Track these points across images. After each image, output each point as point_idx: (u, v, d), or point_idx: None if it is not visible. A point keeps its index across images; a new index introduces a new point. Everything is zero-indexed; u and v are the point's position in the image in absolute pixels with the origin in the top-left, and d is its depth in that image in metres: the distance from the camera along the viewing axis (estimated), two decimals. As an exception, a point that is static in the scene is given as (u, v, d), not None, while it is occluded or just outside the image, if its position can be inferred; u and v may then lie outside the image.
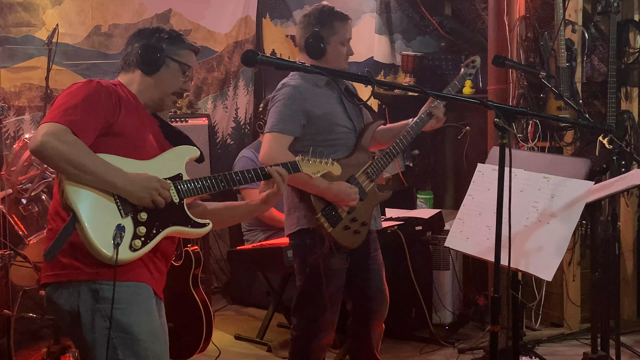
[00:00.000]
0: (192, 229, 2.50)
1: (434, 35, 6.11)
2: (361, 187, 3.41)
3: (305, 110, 3.34)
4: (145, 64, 2.57)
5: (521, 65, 4.76)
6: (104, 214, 2.32)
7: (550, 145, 5.00)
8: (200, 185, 2.52)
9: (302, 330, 3.51)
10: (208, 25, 6.01)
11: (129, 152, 2.43)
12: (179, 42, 2.63)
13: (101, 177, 2.32)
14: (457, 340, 4.76)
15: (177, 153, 2.58)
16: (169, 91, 2.61)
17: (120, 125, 2.43)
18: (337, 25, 3.45)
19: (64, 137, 2.29)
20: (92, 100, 2.39)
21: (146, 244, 2.38)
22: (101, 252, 2.29)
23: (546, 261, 2.82)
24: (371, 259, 3.56)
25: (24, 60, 5.17)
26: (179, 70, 2.62)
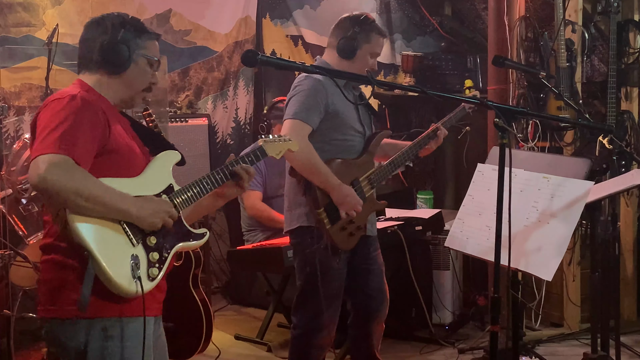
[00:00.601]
0: (194, 241, 2.45)
1: (434, 35, 6.12)
2: (362, 191, 3.43)
3: (326, 103, 3.36)
4: (112, 64, 2.38)
5: (521, 65, 4.76)
6: (116, 246, 2.21)
7: (550, 145, 5.00)
8: (192, 194, 2.43)
9: (303, 329, 3.52)
10: (208, 25, 6.01)
11: (123, 170, 2.33)
12: (143, 34, 2.43)
13: (115, 207, 2.20)
14: (457, 340, 4.76)
15: (162, 162, 2.45)
16: (139, 89, 2.46)
17: (113, 142, 2.30)
18: (373, 37, 3.48)
19: (68, 168, 2.13)
20: (83, 120, 2.23)
21: (162, 270, 2.33)
22: (125, 290, 2.20)
23: (546, 261, 2.82)
24: (371, 259, 3.58)
25: (24, 60, 5.17)
26: (147, 64, 2.44)
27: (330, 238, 3.34)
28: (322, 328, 3.48)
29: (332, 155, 3.40)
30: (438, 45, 6.09)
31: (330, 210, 3.33)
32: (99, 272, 2.17)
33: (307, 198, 3.36)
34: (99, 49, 2.37)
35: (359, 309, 3.60)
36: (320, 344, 3.53)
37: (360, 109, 3.53)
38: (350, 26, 3.47)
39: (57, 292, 2.26)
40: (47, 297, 2.30)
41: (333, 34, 3.54)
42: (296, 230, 3.45)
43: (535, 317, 5.02)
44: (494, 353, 2.62)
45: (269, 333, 4.88)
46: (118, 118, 2.41)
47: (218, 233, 6.00)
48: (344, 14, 3.58)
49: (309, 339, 3.52)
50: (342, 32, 3.48)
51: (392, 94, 5.83)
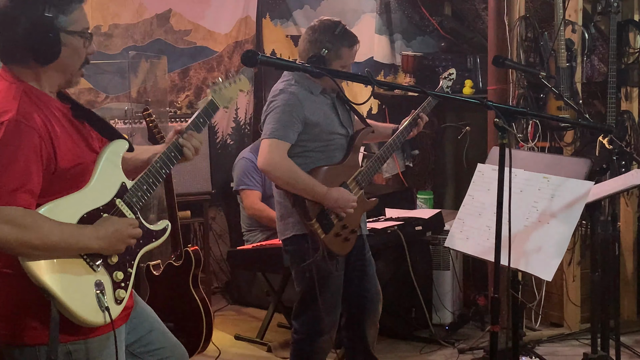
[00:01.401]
0: (157, 241, 2.32)
1: (434, 35, 6.11)
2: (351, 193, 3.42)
3: (303, 117, 3.34)
4: (41, 53, 2.09)
5: (521, 65, 4.76)
6: (77, 278, 2.08)
7: (550, 145, 5.00)
8: (146, 187, 2.25)
9: (304, 334, 3.52)
10: (208, 25, 6.01)
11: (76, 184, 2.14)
12: (67, 4, 2.11)
13: (74, 248, 2.06)
14: (457, 340, 4.76)
15: (109, 159, 2.22)
16: (76, 69, 2.19)
17: (61, 164, 2.09)
18: (343, 52, 3.41)
19: (21, 221, 1.96)
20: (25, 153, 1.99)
21: (128, 287, 2.21)
22: (93, 323, 2.10)
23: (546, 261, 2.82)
24: (366, 260, 3.60)
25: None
26: (79, 39, 2.15)
27: (327, 247, 3.33)
28: (323, 333, 3.48)
29: (316, 163, 3.39)
30: (438, 45, 6.09)
31: (322, 219, 3.32)
32: (63, 311, 2.05)
33: (297, 210, 3.35)
34: (21, 39, 2.07)
35: (353, 310, 3.61)
36: (321, 348, 3.54)
37: (340, 110, 3.49)
38: (317, 43, 3.38)
39: (14, 317, 2.10)
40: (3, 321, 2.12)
41: (303, 48, 3.44)
42: (291, 239, 3.45)
43: (535, 317, 5.02)
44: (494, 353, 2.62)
45: (269, 333, 4.88)
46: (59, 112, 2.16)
47: (218, 233, 6.00)
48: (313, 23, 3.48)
49: (310, 344, 3.52)
50: (310, 48, 3.40)
51: (392, 94, 5.83)
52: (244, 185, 4.98)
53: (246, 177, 4.99)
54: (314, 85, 3.40)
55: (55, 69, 2.16)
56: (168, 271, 4.12)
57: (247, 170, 5.01)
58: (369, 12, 6.11)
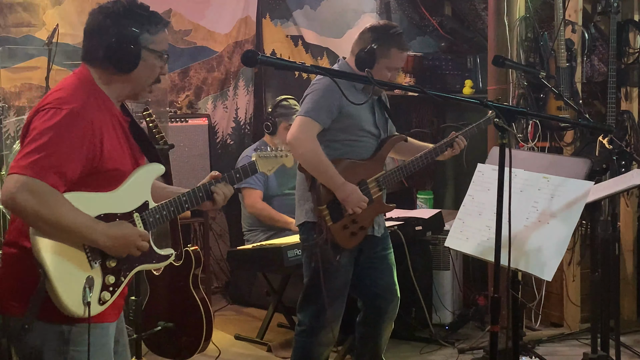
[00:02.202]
0: (156, 263, 2.41)
1: (434, 36, 6.11)
2: (369, 192, 3.47)
3: (340, 105, 3.38)
4: (119, 64, 2.27)
5: (521, 65, 4.76)
6: (73, 266, 2.19)
7: (550, 145, 5.00)
8: (166, 212, 2.37)
9: (307, 325, 3.54)
10: (208, 25, 6.01)
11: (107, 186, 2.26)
12: (153, 26, 2.30)
13: (83, 237, 2.18)
14: (457, 340, 4.76)
15: (142, 176, 2.36)
16: (147, 84, 2.37)
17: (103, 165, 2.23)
18: (393, 52, 3.47)
19: (40, 194, 2.08)
20: (69, 140, 2.14)
21: (114, 293, 2.29)
22: (72, 312, 2.18)
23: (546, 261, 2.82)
24: (378, 258, 3.60)
25: (24, 60, 5.17)
26: (157, 58, 2.34)
27: (332, 235, 3.36)
28: (325, 325, 3.50)
29: (341, 155, 3.44)
30: (438, 45, 6.09)
31: (333, 208, 3.37)
32: (49, 291, 2.15)
33: (312, 194, 3.41)
34: (106, 47, 2.26)
35: (368, 307, 3.64)
36: (323, 341, 3.56)
37: (377, 111, 3.56)
38: (370, 40, 3.47)
39: (14, 290, 2.24)
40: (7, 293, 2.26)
41: (356, 42, 3.54)
42: (303, 225, 3.51)
43: (535, 317, 5.03)
44: (494, 353, 2.62)
45: (269, 333, 4.88)
46: (117, 120, 2.33)
47: (218, 233, 6.00)
48: (372, 23, 3.58)
49: (312, 336, 3.54)
50: (362, 44, 3.49)
51: (392, 94, 5.82)
52: (246, 183, 4.98)
53: (248, 175, 4.99)
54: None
55: (129, 80, 2.32)
56: (168, 271, 4.12)
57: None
58: (369, 12, 6.11)
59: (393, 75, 3.53)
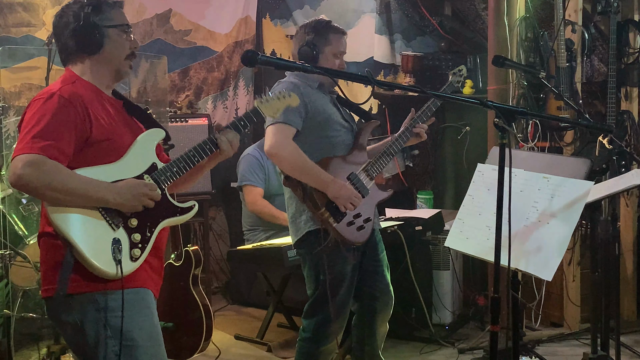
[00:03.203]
0: (180, 216, 2.53)
1: (434, 35, 6.12)
2: (362, 184, 3.44)
3: (304, 103, 3.36)
4: (87, 46, 2.48)
5: (521, 65, 4.76)
6: (97, 233, 2.34)
7: (550, 145, 5.00)
8: (176, 169, 2.51)
9: (312, 333, 3.52)
10: (208, 25, 6.01)
11: (103, 158, 2.41)
12: (104, 6, 2.52)
13: (91, 197, 2.33)
14: (457, 340, 4.77)
15: (144, 141, 2.52)
16: (121, 59, 2.54)
17: (95, 136, 2.40)
18: (331, 37, 3.49)
19: (43, 165, 2.26)
20: (60, 119, 2.34)
21: (144, 249, 2.42)
22: (105, 272, 2.32)
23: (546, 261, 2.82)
24: (379, 261, 3.60)
25: (24, 60, 5.17)
26: (121, 33, 2.53)
27: (340, 235, 3.33)
28: (331, 334, 3.49)
29: (324, 154, 3.41)
30: (438, 45, 6.09)
31: (332, 209, 3.33)
32: (79, 258, 2.30)
33: (307, 203, 3.35)
34: (71, 38, 2.48)
35: (364, 309, 3.61)
36: (326, 349, 3.54)
37: (341, 107, 3.54)
38: (305, 34, 3.49)
39: (50, 272, 2.39)
40: (44, 277, 2.44)
41: (294, 44, 3.56)
42: (304, 237, 3.42)
43: (535, 317, 5.03)
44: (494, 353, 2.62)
45: (269, 333, 4.88)
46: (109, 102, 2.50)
47: (218, 233, 6.00)
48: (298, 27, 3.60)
49: (317, 344, 3.52)
50: (300, 41, 3.50)
51: (392, 94, 5.83)
52: (247, 181, 4.98)
53: (250, 173, 5.00)
54: (312, 79, 3.45)
55: (102, 60, 2.51)
56: (168, 271, 4.12)
57: (251, 167, 5.01)
58: (369, 12, 6.11)
59: (341, 62, 3.52)
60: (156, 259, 2.53)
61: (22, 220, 4.41)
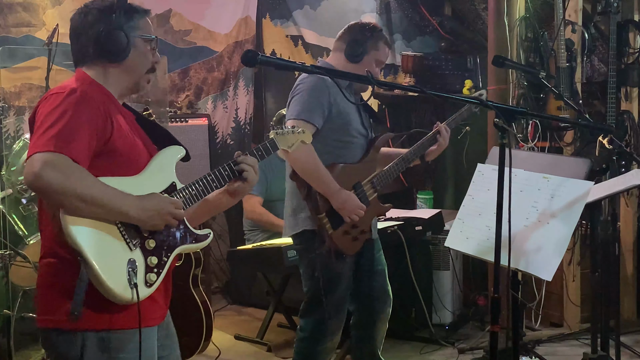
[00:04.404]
0: (196, 244, 2.35)
1: (434, 36, 6.12)
2: (365, 195, 3.42)
3: (329, 102, 3.31)
4: (111, 53, 2.25)
5: (521, 65, 4.76)
6: (112, 251, 2.12)
7: (550, 145, 5.00)
8: (195, 192, 2.32)
9: (309, 332, 3.51)
10: (208, 25, 6.01)
11: (125, 169, 2.22)
12: (135, 14, 2.31)
13: (114, 209, 2.10)
14: (457, 340, 4.77)
15: (165, 158, 2.34)
16: (142, 72, 2.34)
17: (115, 142, 2.19)
18: (381, 45, 3.49)
19: (65, 167, 2.03)
20: (82, 116, 2.12)
21: (160, 275, 2.22)
22: (119, 297, 2.11)
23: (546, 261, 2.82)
24: (376, 261, 3.59)
25: (24, 60, 5.17)
26: (147, 45, 2.33)
27: (334, 243, 3.32)
28: (327, 334, 3.48)
29: (334, 157, 3.38)
30: (438, 45, 6.09)
31: (332, 215, 3.31)
32: (92, 278, 2.08)
33: (308, 203, 3.33)
34: (95, 40, 2.25)
35: (362, 310, 3.61)
36: (324, 348, 3.53)
37: (362, 111, 3.52)
38: (360, 32, 3.47)
39: (53, 301, 2.18)
40: (43, 305, 2.22)
41: (341, 37, 3.52)
42: (301, 234, 3.41)
43: (535, 317, 5.03)
44: (494, 353, 2.62)
45: (269, 333, 4.88)
46: (122, 113, 2.31)
47: (218, 233, 6.00)
48: (353, 22, 3.58)
49: (314, 344, 3.51)
50: (352, 36, 3.47)
51: (392, 94, 5.83)
52: None
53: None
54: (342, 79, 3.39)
55: (124, 70, 2.30)
56: (168, 271, 4.12)
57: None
58: (369, 12, 6.11)
59: (377, 71, 3.54)
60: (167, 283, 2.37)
61: (22, 220, 4.41)
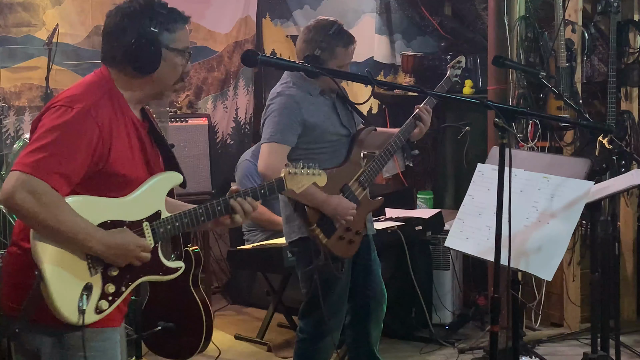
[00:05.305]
0: (163, 276, 2.30)
1: (434, 35, 6.11)
2: (354, 195, 3.40)
3: (301, 119, 3.31)
4: (140, 64, 2.20)
5: (521, 65, 4.76)
6: (72, 271, 2.11)
7: (550, 145, 5.00)
8: (179, 224, 2.26)
9: (308, 333, 3.52)
10: (208, 25, 6.01)
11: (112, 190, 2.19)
12: (173, 23, 2.22)
13: (79, 243, 2.09)
14: (457, 340, 4.76)
15: (158, 184, 2.29)
16: (169, 84, 2.28)
17: (111, 166, 2.16)
18: (338, 51, 3.36)
19: (40, 195, 2.02)
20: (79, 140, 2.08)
21: (113, 302, 2.19)
22: (66, 319, 2.10)
23: (546, 261, 2.83)
24: (372, 260, 3.59)
25: (24, 60, 5.17)
26: (178, 57, 2.25)
27: (330, 251, 3.32)
28: (327, 334, 3.48)
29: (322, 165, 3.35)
30: (438, 45, 6.09)
31: (324, 224, 3.29)
32: (44, 294, 2.07)
33: (298, 215, 3.33)
34: (124, 48, 2.19)
35: (358, 309, 3.61)
36: (324, 348, 3.54)
37: (340, 110, 3.46)
38: (311, 43, 3.34)
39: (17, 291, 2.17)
40: (6, 292, 2.22)
41: (298, 44, 3.42)
42: (297, 241, 3.43)
43: (535, 317, 5.02)
44: (494, 353, 2.62)
45: (269, 333, 4.88)
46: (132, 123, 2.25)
47: (218, 233, 5.99)
48: (309, 23, 3.45)
49: (313, 344, 3.52)
50: (305, 48, 3.36)
51: (392, 94, 5.83)
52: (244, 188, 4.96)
53: (247, 179, 4.98)
54: (312, 86, 3.36)
55: (151, 82, 2.25)
56: (168, 271, 4.12)
57: (249, 173, 5.00)
58: (369, 12, 6.11)
59: (345, 69, 3.40)
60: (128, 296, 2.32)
61: (22, 220, 4.40)
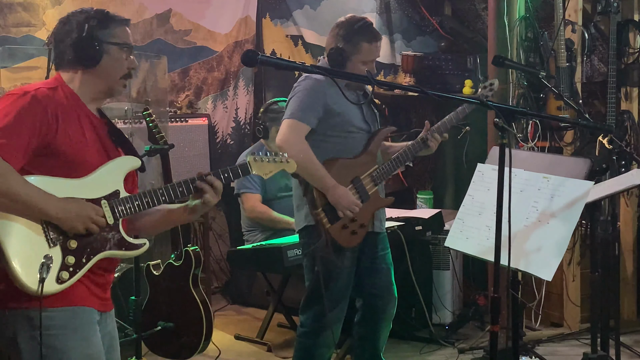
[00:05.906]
0: (125, 251, 2.40)
1: (434, 35, 6.12)
2: (364, 189, 3.44)
3: (325, 104, 3.38)
4: (84, 59, 2.41)
5: (521, 65, 4.76)
6: (31, 245, 2.22)
7: (550, 145, 5.00)
8: (138, 202, 2.38)
9: (309, 327, 3.54)
10: (208, 25, 6.01)
11: (66, 171, 2.31)
12: (110, 22, 2.45)
13: (33, 206, 2.20)
14: (457, 340, 4.77)
15: (115, 166, 2.42)
16: (116, 78, 2.46)
17: (58, 145, 2.30)
18: (363, 46, 3.45)
19: None
20: (25, 119, 2.25)
21: (75, 274, 2.28)
22: (27, 288, 2.19)
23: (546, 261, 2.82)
24: (378, 258, 3.60)
25: (24, 60, 5.17)
26: (121, 52, 2.45)
27: (331, 237, 3.35)
28: (327, 327, 3.49)
29: (332, 154, 3.42)
30: (438, 45, 6.09)
31: (329, 210, 3.35)
32: (6, 267, 2.18)
33: (307, 198, 3.38)
34: (70, 47, 2.41)
35: (367, 308, 3.64)
36: (324, 343, 3.55)
37: (365, 107, 3.54)
38: (337, 37, 3.46)
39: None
40: None
41: (328, 40, 3.55)
42: (304, 230, 3.49)
43: (535, 317, 5.03)
44: (494, 353, 2.62)
45: (269, 333, 4.88)
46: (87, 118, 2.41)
47: (218, 233, 6.00)
48: (339, 19, 3.56)
49: (313, 338, 3.54)
50: (331, 42, 3.49)
51: (392, 94, 5.83)
52: (245, 188, 4.97)
53: (246, 180, 4.98)
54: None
55: (97, 75, 2.44)
56: (168, 271, 4.12)
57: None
58: (369, 12, 6.11)
59: (370, 67, 3.48)
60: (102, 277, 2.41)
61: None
